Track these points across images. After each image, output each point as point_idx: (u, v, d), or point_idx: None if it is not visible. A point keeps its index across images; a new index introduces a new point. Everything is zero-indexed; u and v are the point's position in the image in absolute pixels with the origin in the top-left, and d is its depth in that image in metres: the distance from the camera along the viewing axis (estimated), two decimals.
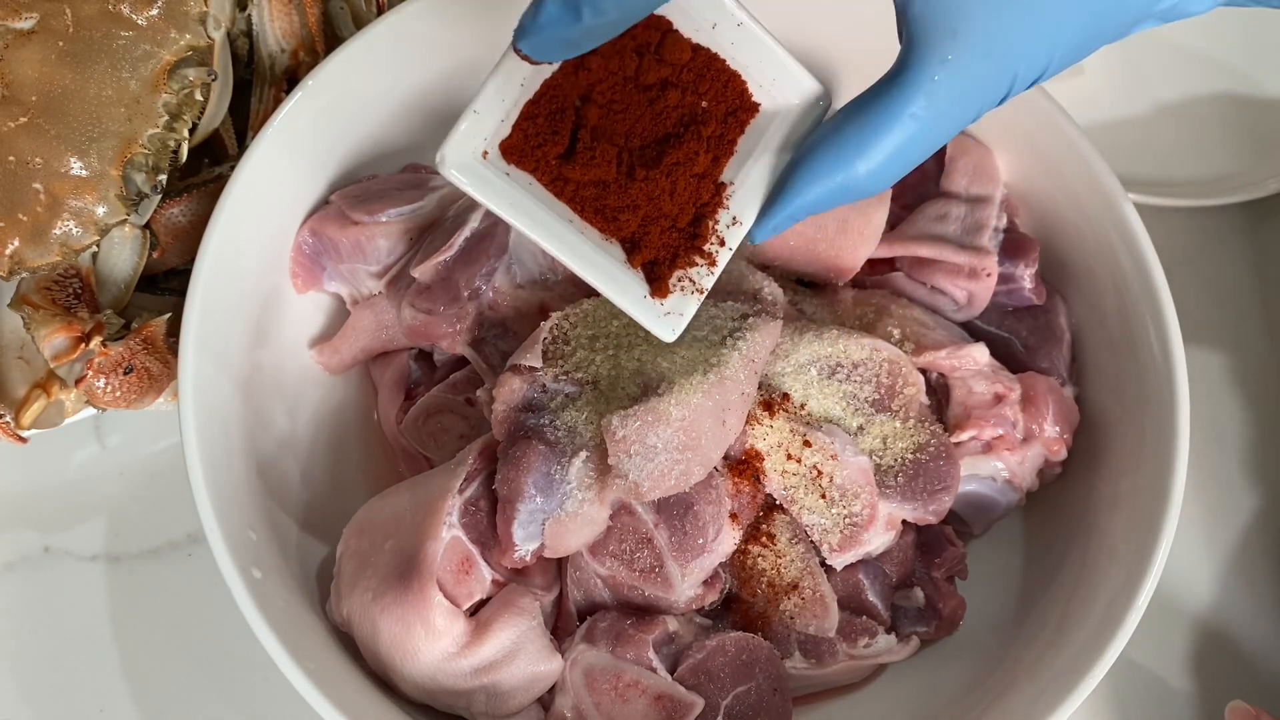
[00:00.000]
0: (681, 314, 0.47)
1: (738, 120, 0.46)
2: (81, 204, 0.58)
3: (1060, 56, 0.41)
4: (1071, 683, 0.51)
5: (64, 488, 0.68)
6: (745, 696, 0.53)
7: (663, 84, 0.45)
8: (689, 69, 0.45)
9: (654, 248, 0.47)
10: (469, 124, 0.45)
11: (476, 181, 0.45)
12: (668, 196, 0.46)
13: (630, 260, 0.47)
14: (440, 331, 0.59)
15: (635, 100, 0.45)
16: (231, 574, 0.51)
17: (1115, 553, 0.56)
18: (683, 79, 0.45)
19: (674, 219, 0.46)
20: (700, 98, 0.46)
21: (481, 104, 0.45)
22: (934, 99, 0.41)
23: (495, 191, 0.45)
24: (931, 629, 0.59)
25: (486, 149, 0.45)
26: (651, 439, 0.50)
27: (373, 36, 0.61)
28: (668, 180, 0.46)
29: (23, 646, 0.65)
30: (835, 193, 0.44)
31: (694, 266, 0.47)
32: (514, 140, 0.45)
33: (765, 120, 0.46)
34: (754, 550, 0.56)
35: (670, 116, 0.46)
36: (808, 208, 0.44)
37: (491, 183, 0.45)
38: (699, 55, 0.45)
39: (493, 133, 0.45)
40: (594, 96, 0.45)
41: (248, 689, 0.64)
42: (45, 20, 0.58)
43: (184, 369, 0.55)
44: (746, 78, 0.46)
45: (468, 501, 0.54)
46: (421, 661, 0.52)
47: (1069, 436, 0.60)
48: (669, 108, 0.45)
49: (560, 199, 0.46)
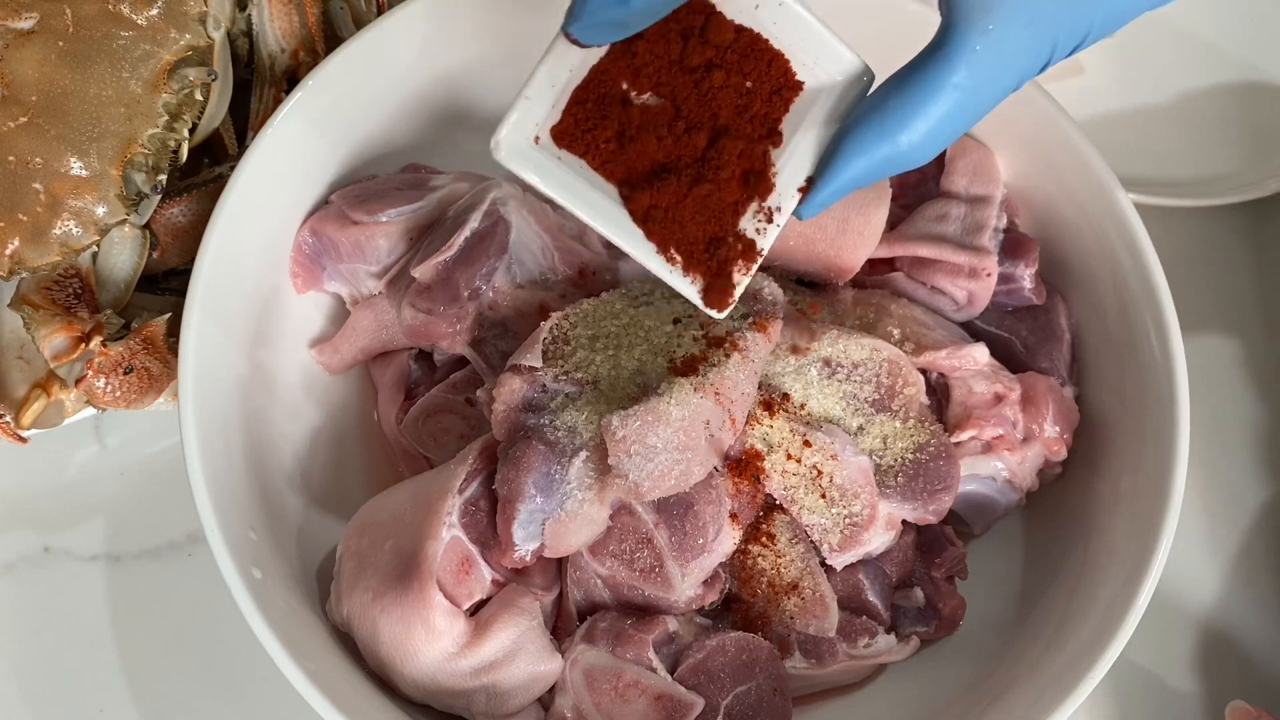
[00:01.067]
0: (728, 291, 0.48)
1: (782, 99, 0.47)
2: (81, 204, 0.58)
3: (1100, 24, 0.42)
4: (1071, 683, 0.51)
5: (64, 488, 0.68)
6: (745, 696, 0.53)
7: (708, 65, 0.46)
8: (733, 50, 0.46)
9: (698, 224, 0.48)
10: (521, 110, 0.46)
11: (529, 166, 0.46)
12: (715, 176, 0.47)
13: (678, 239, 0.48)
14: (440, 331, 0.59)
15: (681, 82, 0.46)
16: (231, 574, 0.51)
17: (1115, 553, 0.56)
18: (727, 60, 0.46)
19: (721, 198, 0.47)
20: (745, 78, 0.47)
21: (533, 90, 0.46)
22: (976, 69, 0.42)
23: (548, 175, 0.46)
24: (931, 629, 0.59)
25: (538, 134, 0.46)
26: (651, 439, 0.50)
27: (373, 36, 0.61)
28: (715, 160, 0.47)
29: (23, 646, 0.65)
30: (880, 165, 0.44)
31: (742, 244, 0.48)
32: (565, 125, 0.46)
33: (809, 98, 0.47)
34: (754, 550, 0.56)
35: (715, 97, 0.47)
36: (854, 181, 0.45)
37: (544, 167, 0.46)
38: (742, 36, 0.46)
39: (544, 118, 0.46)
40: (641, 80, 0.46)
41: (248, 689, 0.64)
42: (45, 20, 0.58)
43: (184, 369, 0.55)
44: (790, 56, 0.47)
45: (468, 501, 0.54)
46: (421, 661, 0.52)
47: (1069, 436, 0.60)
48: (714, 89, 0.46)
49: (610, 181, 0.47)
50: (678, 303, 0.57)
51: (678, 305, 0.57)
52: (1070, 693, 0.51)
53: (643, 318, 0.56)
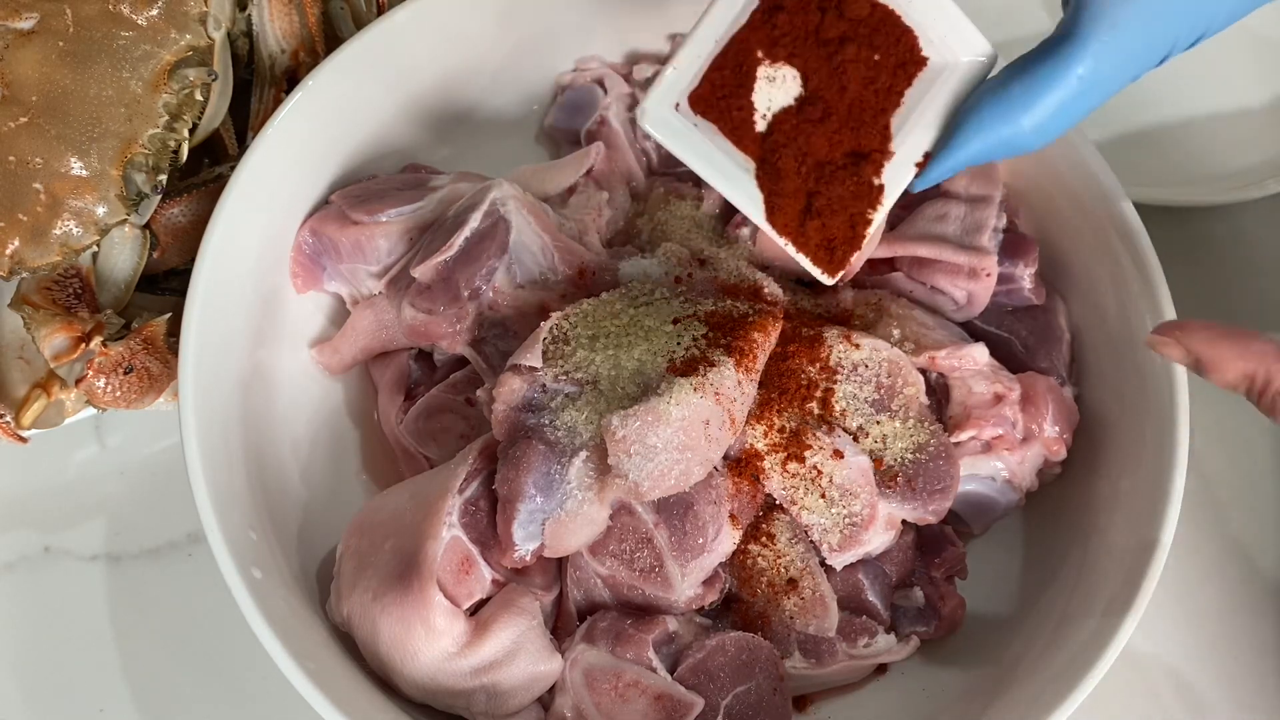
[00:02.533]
0: (844, 257, 0.51)
1: (906, 73, 0.49)
2: (82, 204, 0.58)
3: (1219, 21, 0.44)
4: (1071, 683, 0.51)
5: (64, 488, 0.68)
6: (745, 696, 0.53)
7: (841, 39, 0.48)
8: (866, 24, 0.48)
9: (824, 196, 0.50)
10: (669, 79, 0.48)
11: (671, 135, 0.49)
12: (837, 148, 0.49)
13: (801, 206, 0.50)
14: (440, 331, 0.59)
15: (815, 54, 0.48)
16: (231, 574, 0.51)
17: (1115, 553, 0.56)
18: (859, 33, 0.48)
19: (843, 167, 0.50)
20: (874, 51, 0.49)
21: (682, 60, 0.48)
22: (1100, 61, 0.44)
23: (688, 145, 0.49)
24: (931, 629, 0.59)
25: (679, 101, 0.49)
26: (651, 439, 0.50)
27: (372, 37, 0.61)
28: (840, 131, 0.49)
29: (23, 646, 0.65)
30: (998, 146, 0.47)
31: (859, 213, 0.50)
32: (703, 91, 0.49)
33: (932, 75, 0.49)
34: (754, 550, 0.56)
35: (845, 70, 0.49)
36: (971, 158, 0.47)
37: (684, 136, 0.49)
38: (876, 11, 0.48)
39: (686, 85, 0.49)
40: (777, 49, 0.48)
41: (248, 689, 0.64)
42: (45, 20, 0.58)
43: (184, 369, 0.55)
44: (918, 33, 0.49)
45: (468, 501, 0.54)
46: (421, 661, 0.52)
47: (1069, 436, 0.60)
48: (845, 62, 0.48)
49: (739, 149, 0.49)
50: (677, 302, 0.57)
51: (677, 305, 0.57)
52: (1070, 693, 0.51)
53: (643, 318, 0.56)
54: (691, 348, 0.54)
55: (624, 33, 0.69)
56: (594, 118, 0.68)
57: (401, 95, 0.65)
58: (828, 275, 0.51)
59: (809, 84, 0.49)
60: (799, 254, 0.50)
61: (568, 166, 0.65)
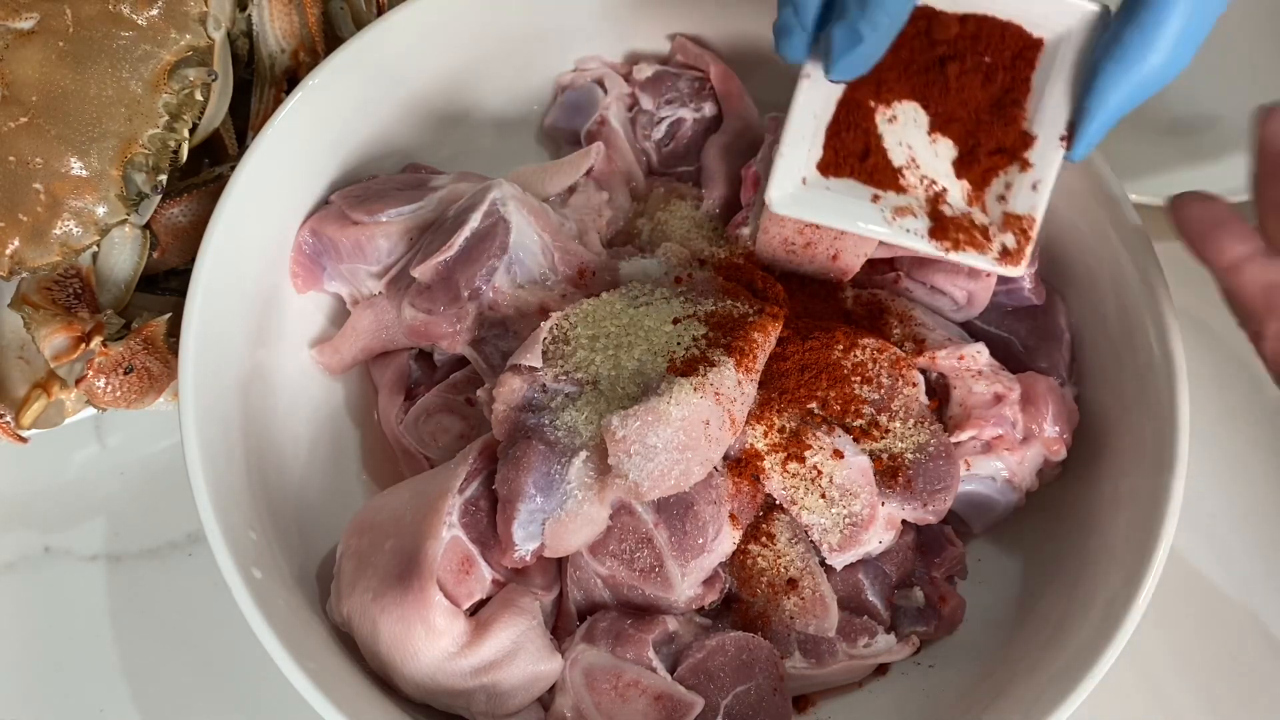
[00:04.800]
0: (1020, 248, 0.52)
1: (1026, 60, 0.51)
2: (82, 204, 0.58)
3: None
4: (1071, 683, 0.51)
5: (64, 488, 0.68)
6: (745, 696, 0.53)
7: (941, 60, 0.50)
8: (962, 37, 0.50)
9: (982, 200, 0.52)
10: (782, 168, 0.51)
11: (803, 208, 0.51)
12: (977, 155, 0.51)
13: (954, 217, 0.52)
14: (440, 331, 0.59)
15: (923, 81, 0.51)
16: (231, 574, 0.51)
17: (1115, 553, 0.56)
18: (959, 48, 0.50)
19: (991, 169, 0.51)
20: (982, 55, 0.50)
21: (787, 147, 0.51)
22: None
23: (822, 209, 0.51)
24: (931, 629, 0.59)
25: (804, 176, 0.51)
26: (651, 439, 0.50)
27: (373, 36, 0.61)
28: (973, 135, 0.51)
29: (23, 646, 0.65)
30: (1137, 90, 0.47)
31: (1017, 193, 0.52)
32: (828, 158, 0.51)
33: (1052, 50, 0.50)
34: (754, 550, 0.56)
35: (960, 85, 0.51)
36: (1117, 112, 0.48)
37: (816, 203, 0.51)
38: (967, 23, 0.50)
39: (804, 161, 0.51)
40: (884, 94, 0.51)
41: (248, 689, 0.64)
42: (45, 20, 0.58)
43: (184, 369, 0.55)
44: (1020, 21, 0.50)
45: (468, 501, 0.54)
46: (421, 661, 0.52)
47: (1069, 436, 0.60)
48: (953, 78, 0.50)
49: (881, 188, 0.51)
50: (677, 303, 0.57)
51: (677, 305, 0.57)
52: (1070, 693, 0.51)
53: (643, 318, 0.56)
54: (691, 348, 0.54)
55: (624, 33, 0.69)
56: (594, 118, 0.68)
57: (401, 95, 0.65)
58: (1011, 267, 0.52)
59: (931, 109, 0.51)
60: (978, 258, 0.52)
61: (568, 166, 0.65)
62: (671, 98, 0.69)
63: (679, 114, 0.68)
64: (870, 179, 0.52)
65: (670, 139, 0.69)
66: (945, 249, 0.51)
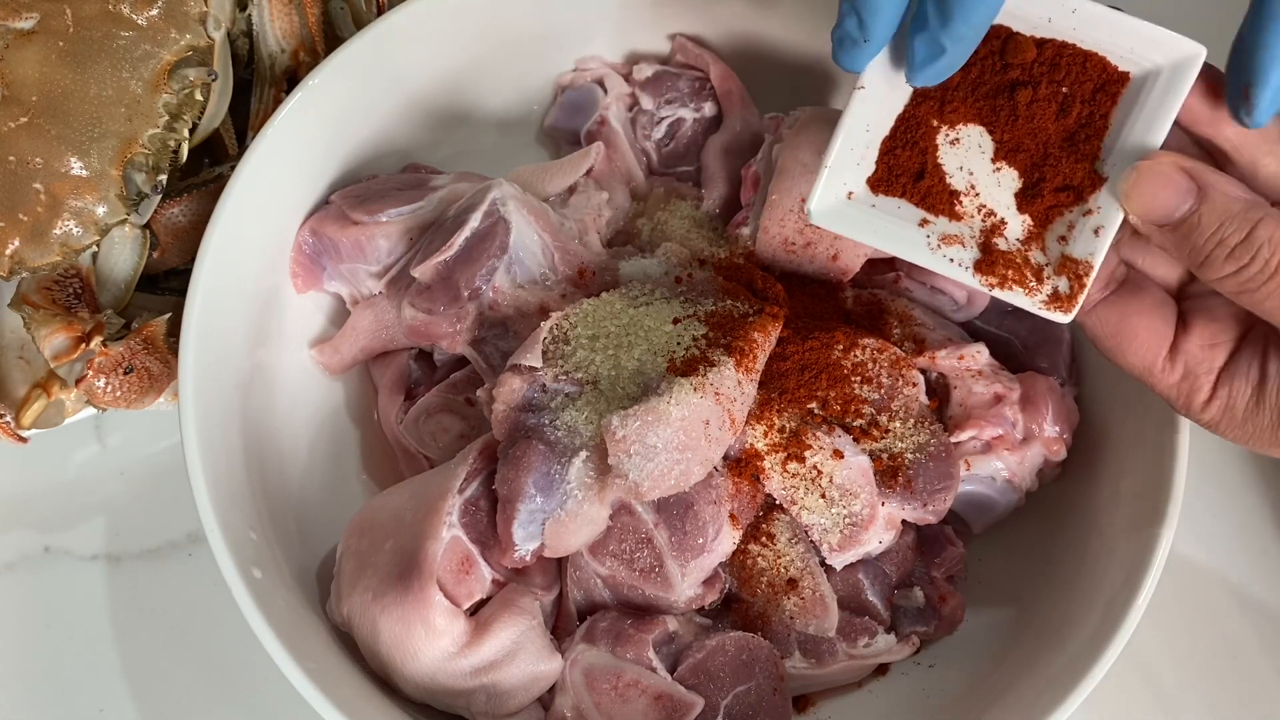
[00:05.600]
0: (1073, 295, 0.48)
1: (1108, 94, 0.48)
2: (82, 204, 0.58)
3: None
4: (1071, 683, 0.51)
5: (64, 488, 0.68)
6: (745, 696, 0.53)
7: (1012, 86, 0.48)
8: (1039, 63, 0.48)
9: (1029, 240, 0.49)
10: (826, 179, 0.49)
11: (842, 223, 0.49)
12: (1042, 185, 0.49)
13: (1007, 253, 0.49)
14: (440, 331, 0.59)
15: (992, 106, 0.49)
16: (232, 574, 0.51)
17: (1115, 553, 0.56)
18: (1034, 74, 0.48)
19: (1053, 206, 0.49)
20: (1060, 85, 0.48)
21: (833, 158, 0.49)
22: None
23: (862, 227, 0.49)
24: (931, 629, 0.59)
25: (851, 190, 0.49)
26: (651, 439, 0.50)
27: (373, 37, 0.61)
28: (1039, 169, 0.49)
29: (23, 646, 0.65)
30: None
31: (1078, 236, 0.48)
32: (879, 174, 0.49)
33: (1137, 87, 0.48)
34: (754, 550, 0.56)
35: (1032, 114, 0.48)
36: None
37: (857, 220, 0.49)
38: (1046, 49, 0.48)
39: (853, 175, 0.49)
40: (948, 115, 0.49)
41: (248, 689, 0.64)
42: (45, 20, 0.58)
43: (184, 369, 0.55)
44: (1104, 53, 0.48)
45: (468, 501, 0.54)
46: (421, 661, 0.52)
47: (1069, 436, 0.60)
48: (1023, 105, 0.48)
49: (933, 212, 0.49)
50: (677, 303, 0.57)
51: (677, 305, 0.57)
52: (1070, 693, 0.51)
53: (643, 318, 0.56)
54: (691, 348, 0.54)
55: (624, 33, 0.69)
56: (594, 118, 0.68)
57: (401, 95, 0.65)
58: (1061, 314, 0.49)
59: (997, 135, 0.49)
60: (1024, 300, 0.49)
61: (568, 166, 0.65)
62: (671, 98, 0.69)
63: (679, 114, 0.68)
64: (922, 201, 0.49)
65: (670, 139, 0.69)
66: (990, 285, 0.49)
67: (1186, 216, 0.44)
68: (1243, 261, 0.43)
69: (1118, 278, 0.48)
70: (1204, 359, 0.47)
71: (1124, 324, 0.48)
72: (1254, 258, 0.43)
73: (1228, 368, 0.47)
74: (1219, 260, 0.44)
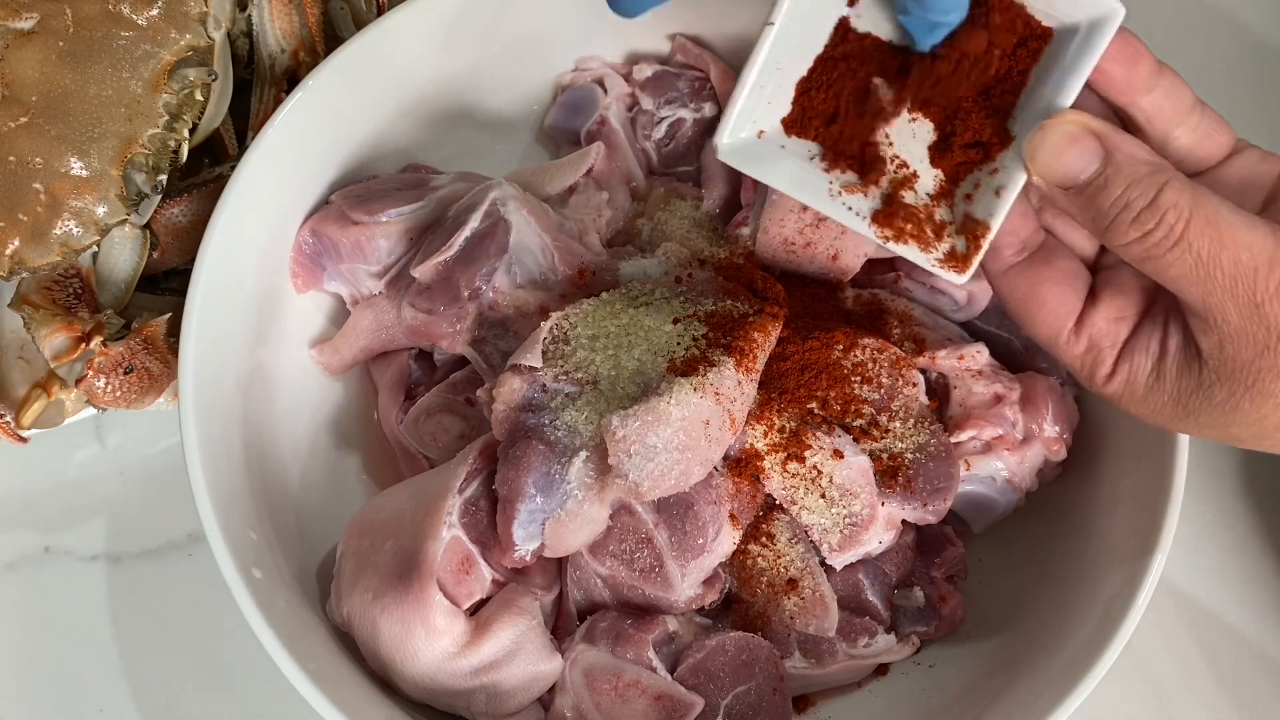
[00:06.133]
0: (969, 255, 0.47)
1: (1029, 49, 0.46)
2: (82, 204, 0.58)
3: None
4: (1071, 683, 0.51)
5: (64, 488, 0.68)
6: (745, 696, 0.53)
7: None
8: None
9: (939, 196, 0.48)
10: (733, 115, 0.48)
11: (748, 161, 0.48)
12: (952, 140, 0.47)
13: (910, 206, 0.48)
14: (440, 331, 0.59)
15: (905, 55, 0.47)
16: (232, 574, 0.51)
17: (1115, 553, 0.56)
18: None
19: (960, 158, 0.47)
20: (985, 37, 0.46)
21: (740, 94, 0.47)
22: None
23: (767, 167, 0.48)
24: (931, 629, 0.59)
25: (763, 129, 0.48)
26: (651, 439, 0.50)
27: (373, 36, 0.61)
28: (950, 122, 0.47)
29: (23, 646, 0.65)
30: None
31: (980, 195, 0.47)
32: (794, 114, 0.48)
33: (1058, 44, 0.46)
34: (754, 550, 0.56)
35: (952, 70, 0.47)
36: None
37: (763, 160, 0.48)
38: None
39: (764, 114, 0.48)
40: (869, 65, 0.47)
41: (248, 689, 0.64)
42: (45, 20, 0.58)
43: (184, 369, 0.55)
44: (1029, 6, 0.46)
45: (468, 501, 0.54)
46: (421, 661, 0.52)
47: (1069, 436, 0.60)
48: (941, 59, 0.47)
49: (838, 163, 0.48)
50: (677, 302, 0.57)
51: (677, 305, 0.57)
52: (1070, 693, 0.51)
53: (643, 318, 0.56)
54: (691, 348, 0.54)
55: (624, 33, 0.69)
56: (594, 118, 0.68)
57: (401, 95, 0.65)
58: (956, 274, 0.47)
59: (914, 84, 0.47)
60: (918, 255, 0.47)
61: (568, 166, 0.65)
62: (671, 98, 0.68)
63: (679, 114, 0.68)
64: (834, 146, 0.48)
65: (670, 139, 0.69)
66: (884, 238, 0.47)
67: (1092, 179, 0.43)
68: (1148, 226, 0.42)
69: (1033, 244, 0.47)
70: (1109, 332, 0.46)
71: (1033, 291, 0.47)
72: (1159, 223, 0.41)
73: (1130, 342, 0.46)
74: (1124, 225, 0.42)
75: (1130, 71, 0.45)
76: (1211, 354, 0.43)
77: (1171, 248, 0.42)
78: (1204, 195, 0.42)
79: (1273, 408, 0.43)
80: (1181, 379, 0.44)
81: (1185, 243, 0.41)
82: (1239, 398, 0.43)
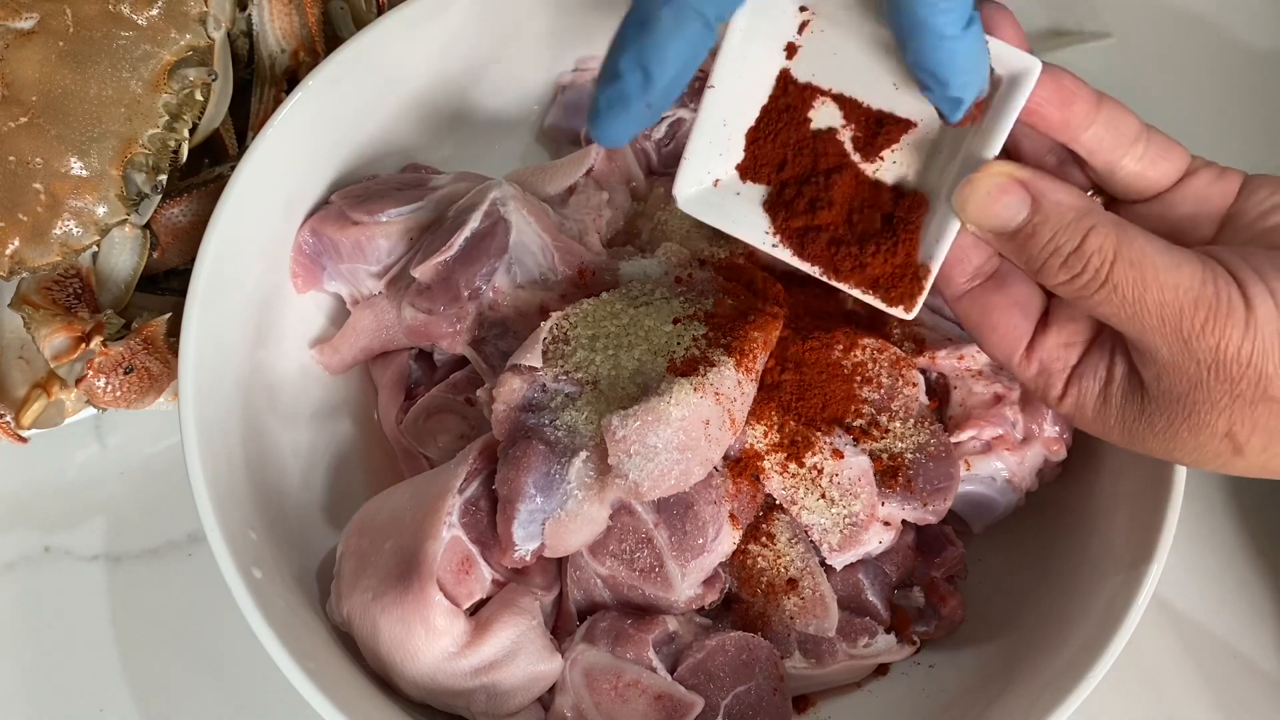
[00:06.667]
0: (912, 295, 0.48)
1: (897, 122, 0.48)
2: (82, 204, 0.58)
3: None
4: (1071, 683, 0.51)
5: (64, 488, 0.68)
6: (745, 696, 0.53)
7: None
8: None
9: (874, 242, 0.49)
10: (687, 169, 0.49)
11: (705, 210, 0.50)
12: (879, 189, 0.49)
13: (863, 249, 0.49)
14: (440, 331, 0.59)
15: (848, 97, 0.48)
16: (231, 574, 0.51)
17: (1115, 553, 0.56)
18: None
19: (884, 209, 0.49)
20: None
21: (692, 152, 0.49)
22: None
23: (724, 214, 0.50)
24: (931, 629, 0.59)
25: (718, 178, 0.50)
26: (651, 439, 0.50)
27: (373, 36, 0.61)
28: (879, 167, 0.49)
29: (23, 646, 0.65)
30: None
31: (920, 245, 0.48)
32: (747, 162, 0.50)
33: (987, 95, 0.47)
34: (754, 550, 0.56)
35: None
36: None
37: (720, 207, 0.50)
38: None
39: (718, 164, 0.50)
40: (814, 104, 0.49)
41: (248, 689, 0.64)
42: (45, 20, 0.58)
43: (184, 369, 0.55)
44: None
45: (468, 501, 0.54)
46: (421, 661, 0.52)
47: (1069, 436, 0.60)
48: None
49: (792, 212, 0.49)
50: (677, 303, 0.57)
51: (677, 305, 0.57)
52: (1070, 693, 0.51)
53: (643, 318, 0.56)
54: (691, 348, 0.54)
55: None
56: None
57: (401, 95, 0.65)
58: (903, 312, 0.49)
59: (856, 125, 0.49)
60: (866, 296, 0.49)
61: (568, 166, 0.65)
62: None
63: (679, 114, 0.68)
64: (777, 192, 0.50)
65: (670, 139, 0.69)
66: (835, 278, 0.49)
67: (1021, 226, 0.45)
68: (1075, 270, 0.43)
69: (986, 270, 0.48)
70: (1058, 357, 0.47)
71: (985, 317, 0.48)
72: (1085, 266, 0.43)
73: (1079, 367, 0.47)
74: (1054, 268, 0.44)
75: (1065, 112, 0.46)
76: (1152, 384, 0.45)
77: (1099, 289, 0.43)
78: (1130, 237, 0.43)
79: (1209, 437, 0.44)
80: (1126, 404, 0.46)
81: (1111, 284, 0.43)
82: (1177, 427, 0.45)
